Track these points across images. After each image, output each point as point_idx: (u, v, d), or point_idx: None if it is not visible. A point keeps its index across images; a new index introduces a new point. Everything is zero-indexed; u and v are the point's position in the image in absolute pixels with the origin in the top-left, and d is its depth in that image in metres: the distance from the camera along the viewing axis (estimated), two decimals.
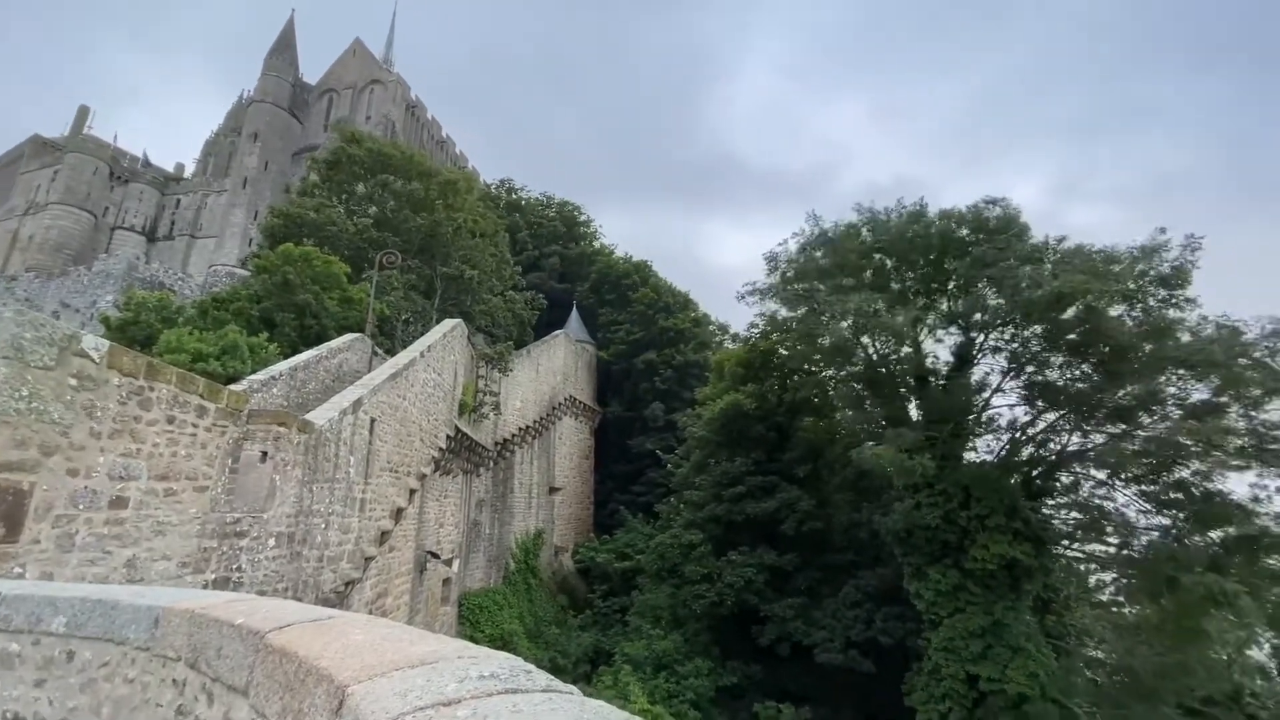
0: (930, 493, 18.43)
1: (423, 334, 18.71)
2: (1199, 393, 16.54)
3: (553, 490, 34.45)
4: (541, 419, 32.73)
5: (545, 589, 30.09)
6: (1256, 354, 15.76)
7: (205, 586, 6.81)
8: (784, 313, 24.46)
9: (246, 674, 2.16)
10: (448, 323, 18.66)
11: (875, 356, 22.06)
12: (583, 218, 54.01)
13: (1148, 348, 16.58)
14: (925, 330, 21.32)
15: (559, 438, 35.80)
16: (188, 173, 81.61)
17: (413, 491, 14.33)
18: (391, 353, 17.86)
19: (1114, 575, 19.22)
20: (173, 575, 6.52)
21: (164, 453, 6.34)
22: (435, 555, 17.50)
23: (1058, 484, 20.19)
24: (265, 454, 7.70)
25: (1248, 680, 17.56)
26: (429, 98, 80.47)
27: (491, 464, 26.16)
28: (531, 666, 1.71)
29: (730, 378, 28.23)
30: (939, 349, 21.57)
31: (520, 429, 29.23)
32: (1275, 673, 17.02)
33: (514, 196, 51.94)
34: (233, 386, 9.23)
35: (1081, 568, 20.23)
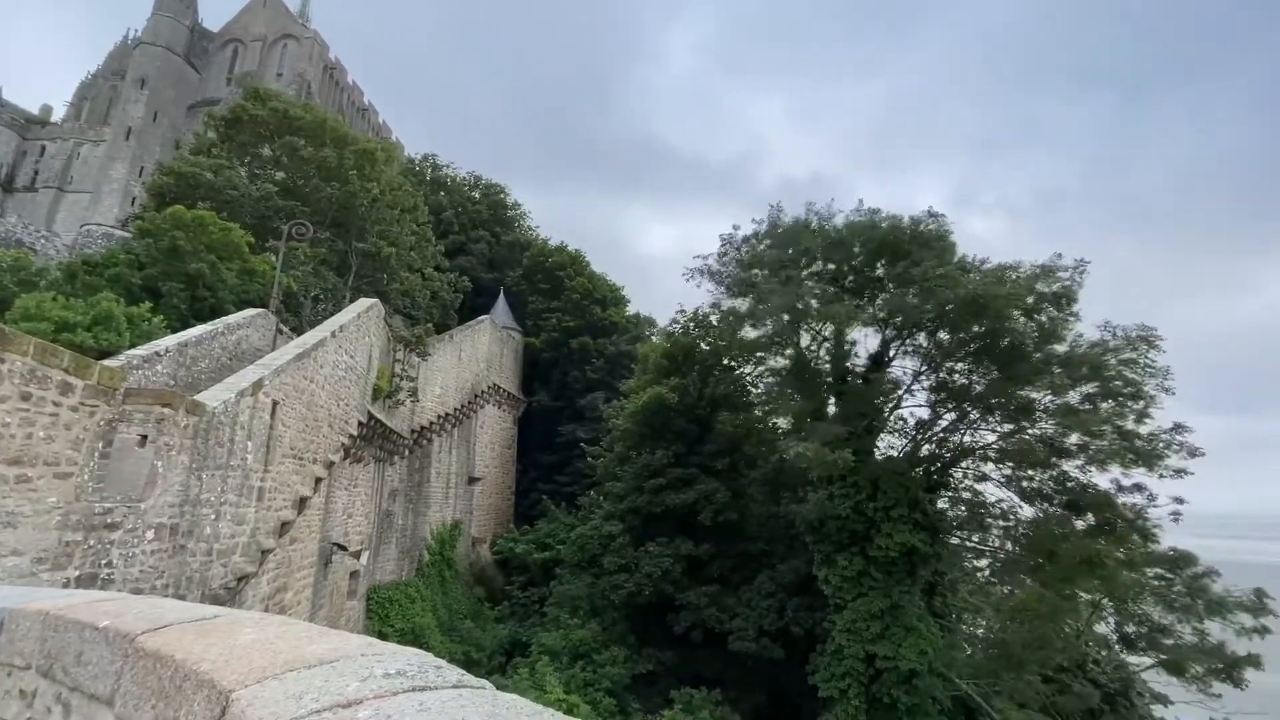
0: (843, 485, 19.57)
1: (334, 313, 17.56)
2: (1074, 396, 18.64)
3: (472, 480, 33.52)
4: (463, 407, 31.69)
5: (461, 581, 29.30)
6: (1123, 357, 17.99)
7: (67, 585, 6.05)
8: (728, 301, 24.83)
9: (112, 682, 1.93)
10: (363, 302, 17.60)
11: (808, 352, 23.00)
12: (510, 200, 52.61)
13: (1036, 356, 18.42)
14: (852, 330, 22.47)
15: (481, 426, 34.84)
16: (56, 116, 71.75)
17: (319, 480, 13.46)
18: (298, 331, 16.63)
19: (992, 560, 21.29)
20: (26, 572, 5.74)
21: (16, 434, 5.55)
22: (342, 547, 16.56)
23: (952, 478, 22.07)
24: (145, 437, 6.94)
25: (1092, 650, 20.05)
26: (350, 62, 74.94)
27: (407, 452, 25.05)
28: (442, 662, 1.64)
29: (654, 371, 28.57)
30: (860, 349, 22.87)
31: (439, 416, 28.18)
32: (1114, 643, 19.51)
33: (439, 173, 49.68)
34: (106, 362, 8.25)
35: (966, 555, 22.23)
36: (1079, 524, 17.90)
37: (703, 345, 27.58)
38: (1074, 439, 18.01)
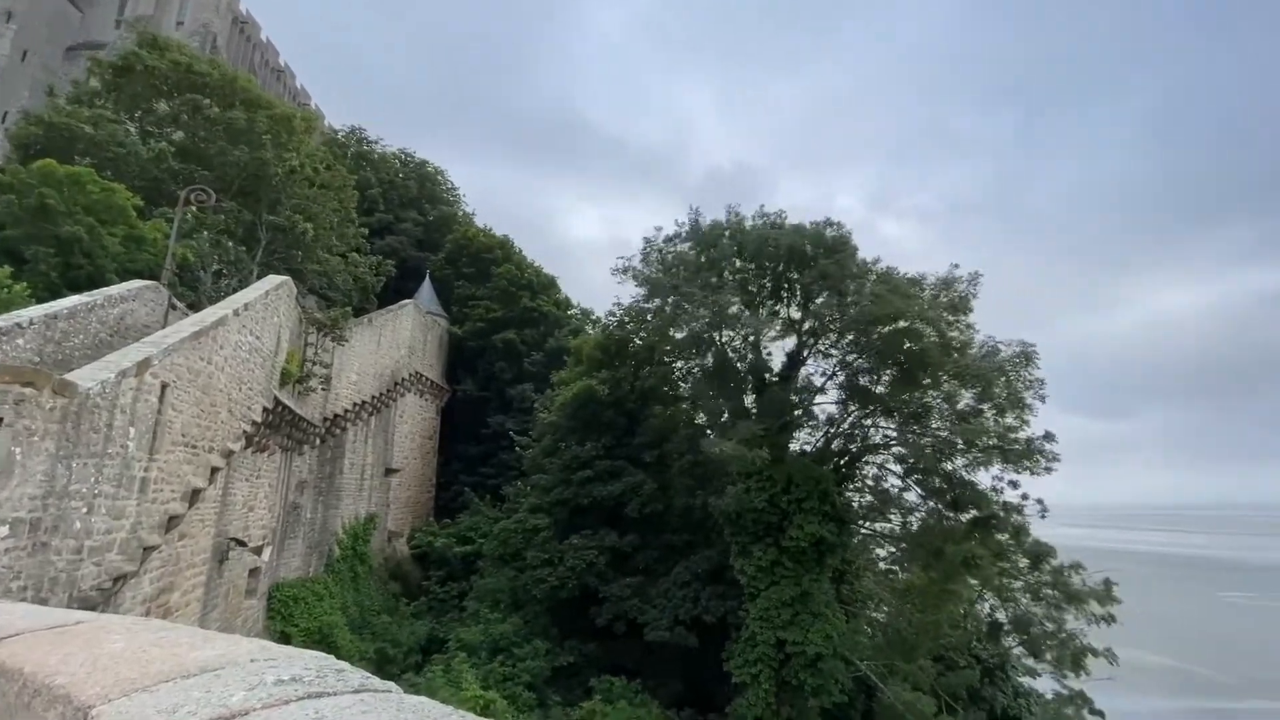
0: (760, 479, 20.32)
1: (238, 289, 16.19)
2: (965, 401, 20.32)
3: (390, 472, 32.06)
4: (381, 395, 30.20)
5: (375, 577, 28.00)
6: (1008, 369, 19.82)
7: None
8: (650, 301, 25.23)
9: None
10: (272, 279, 16.33)
11: (727, 352, 23.70)
12: (445, 184, 50.68)
13: (939, 364, 19.88)
14: (768, 332, 23.38)
15: (400, 416, 33.35)
16: None
17: (215, 470, 12.41)
18: (196, 307, 15.21)
19: (893, 549, 22.88)
20: None
21: None
22: (241, 542, 15.35)
23: (858, 472, 23.46)
24: (0, 420, 6.11)
25: (975, 630, 22.01)
26: (263, 18, 68.89)
27: (318, 441, 23.59)
28: (345, 665, 1.55)
29: (588, 363, 28.45)
30: (776, 350, 23.82)
31: (355, 404, 26.70)
32: (990, 626, 21.48)
33: (366, 148, 46.92)
34: None
35: (871, 544, 23.76)
36: (963, 518, 19.53)
37: (637, 340, 27.80)
38: (961, 441, 19.65)
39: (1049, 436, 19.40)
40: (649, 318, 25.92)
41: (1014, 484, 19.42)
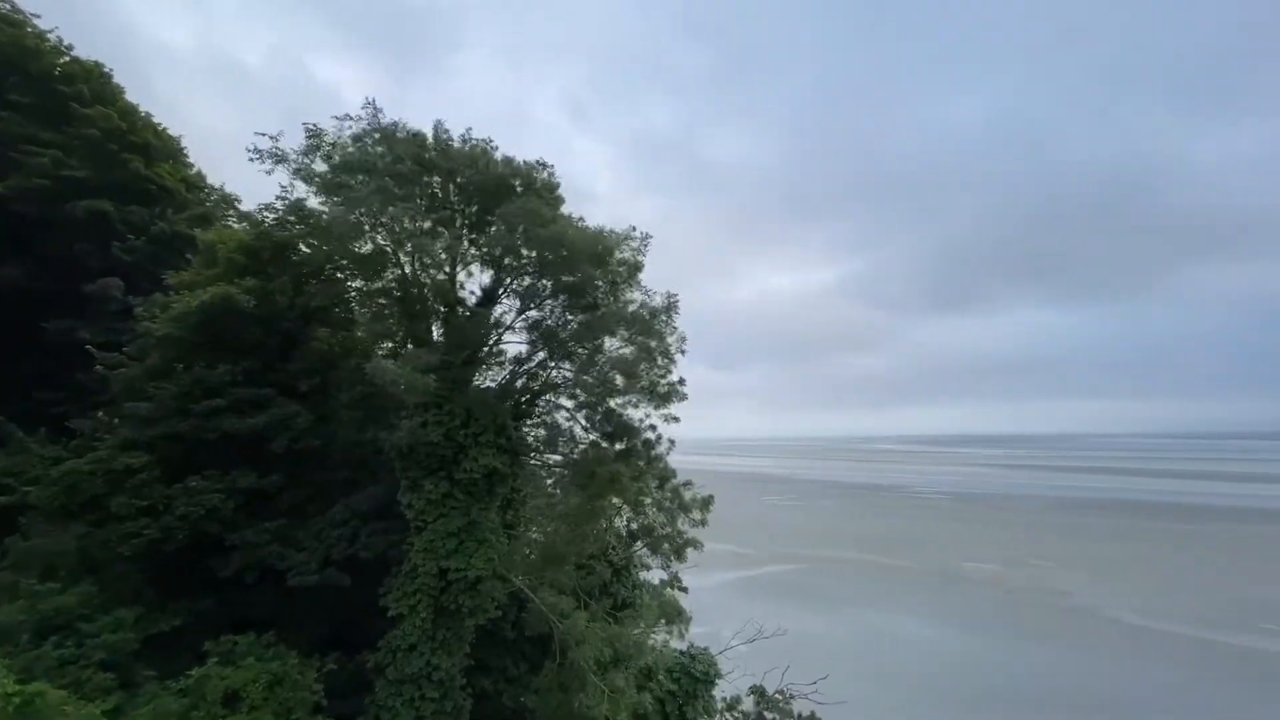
0: (438, 412, 19.78)
1: None
2: (629, 349, 23.44)
3: None
4: None
5: None
6: (659, 322, 23.43)
7: None
8: (314, 201, 21.22)
9: None
10: None
11: (410, 275, 21.86)
12: None
13: (607, 312, 22.23)
14: (463, 262, 22.43)
15: None
16: None
17: None
18: None
19: (556, 477, 25.42)
20: None
21: None
22: None
23: (537, 408, 25.02)
24: None
25: (611, 540, 26.46)
26: None
27: None
28: None
29: (227, 265, 22.55)
30: (474, 284, 23.09)
31: None
32: (625, 534, 26.18)
33: None
34: None
35: (539, 472, 25.90)
36: (615, 448, 22.96)
37: (303, 246, 23.28)
38: (620, 383, 22.84)
39: (682, 381, 24.03)
40: (321, 222, 21.91)
41: (653, 427, 23.51)
